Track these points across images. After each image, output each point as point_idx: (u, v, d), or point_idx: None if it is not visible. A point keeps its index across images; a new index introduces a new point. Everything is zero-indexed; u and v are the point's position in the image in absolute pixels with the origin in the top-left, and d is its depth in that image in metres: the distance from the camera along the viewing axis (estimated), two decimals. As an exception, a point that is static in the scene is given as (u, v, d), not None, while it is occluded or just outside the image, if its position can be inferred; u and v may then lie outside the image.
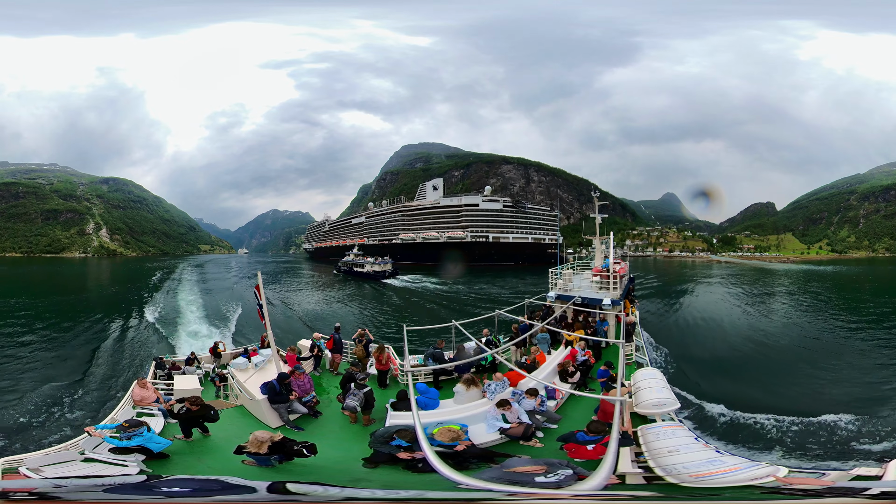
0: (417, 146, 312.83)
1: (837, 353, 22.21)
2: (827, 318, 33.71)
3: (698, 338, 26.26)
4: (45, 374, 18.05)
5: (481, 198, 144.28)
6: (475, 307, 36.55)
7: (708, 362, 20.37)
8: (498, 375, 9.35)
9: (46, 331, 27.03)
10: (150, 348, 23.38)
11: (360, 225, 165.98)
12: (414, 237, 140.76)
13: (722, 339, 26.11)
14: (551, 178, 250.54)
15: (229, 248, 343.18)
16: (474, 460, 6.93)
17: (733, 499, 5.13)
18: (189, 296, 48.06)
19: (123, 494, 5.56)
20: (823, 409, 13.78)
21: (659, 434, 6.78)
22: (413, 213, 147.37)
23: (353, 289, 57.22)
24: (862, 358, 20.95)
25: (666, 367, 18.10)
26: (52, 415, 14.06)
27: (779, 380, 17.76)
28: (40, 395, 15.43)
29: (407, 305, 43.70)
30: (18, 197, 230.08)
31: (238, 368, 11.70)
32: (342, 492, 5.45)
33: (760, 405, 14.14)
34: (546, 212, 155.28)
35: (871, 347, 23.11)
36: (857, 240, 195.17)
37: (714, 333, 27.76)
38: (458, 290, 54.95)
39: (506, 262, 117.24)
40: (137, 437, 7.06)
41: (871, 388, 15.81)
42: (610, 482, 5.47)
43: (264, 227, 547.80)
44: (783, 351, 23.59)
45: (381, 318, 35.05)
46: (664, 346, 21.72)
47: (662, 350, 20.98)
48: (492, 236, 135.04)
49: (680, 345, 23.20)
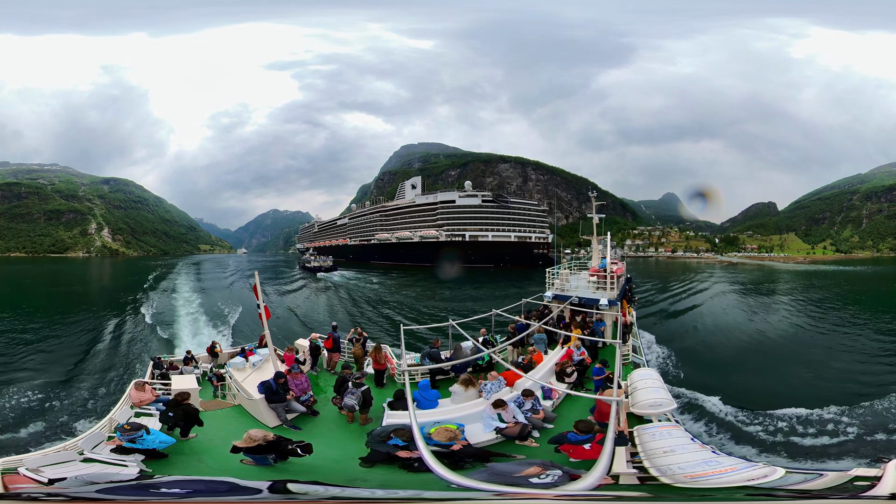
0: (416, 146, 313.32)
1: (840, 353, 22.09)
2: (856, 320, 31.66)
3: (698, 338, 26.16)
4: (44, 373, 18.08)
5: (458, 194, 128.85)
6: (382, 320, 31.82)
7: (707, 363, 20.31)
8: (493, 374, 9.34)
9: (45, 329, 27.11)
10: (147, 347, 23.41)
11: (344, 226, 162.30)
12: (388, 237, 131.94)
13: (722, 339, 26.02)
14: (549, 177, 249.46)
15: (229, 247, 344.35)
16: (470, 460, 6.92)
17: (723, 500, 5.10)
18: (187, 295, 48.36)
19: (123, 495, 5.56)
20: (823, 409, 13.75)
21: (655, 434, 6.76)
22: (390, 213, 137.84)
23: (299, 282, 66.15)
24: (865, 358, 20.85)
25: (663, 368, 18.06)
26: (51, 414, 14.08)
27: (779, 380, 17.71)
28: (39, 395, 15.46)
29: (316, 296, 51.19)
30: (21, 197, 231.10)
31: (235, 368, 11.71)
32: (343, 491, 5.45)
33: (759, 406, 14.11)
34: (533, 207, 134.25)
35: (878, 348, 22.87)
36: (861, 240, 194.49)
37: (714, 334, 27.66)
38: (382, 294, 51.61)
39: (485, 263, 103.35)
40: (139, 440, 7.09)
41: (871, 389, 15.73)
42: (603, 482, 5.45)
43: (264, 227, 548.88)
44: (784, 351, 23.52)
45: (307, 306, 40.09)
46: (663, 346, 21.68)
47: (661, 350, 20.94)
48: (468, 235, 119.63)
49: (679, 345, 23.12)
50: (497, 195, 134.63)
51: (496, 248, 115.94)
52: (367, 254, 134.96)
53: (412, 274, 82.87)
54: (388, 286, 61.00)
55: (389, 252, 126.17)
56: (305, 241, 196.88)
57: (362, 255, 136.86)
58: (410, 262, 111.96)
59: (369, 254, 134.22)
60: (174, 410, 8.22)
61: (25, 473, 5.51)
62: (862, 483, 4.61)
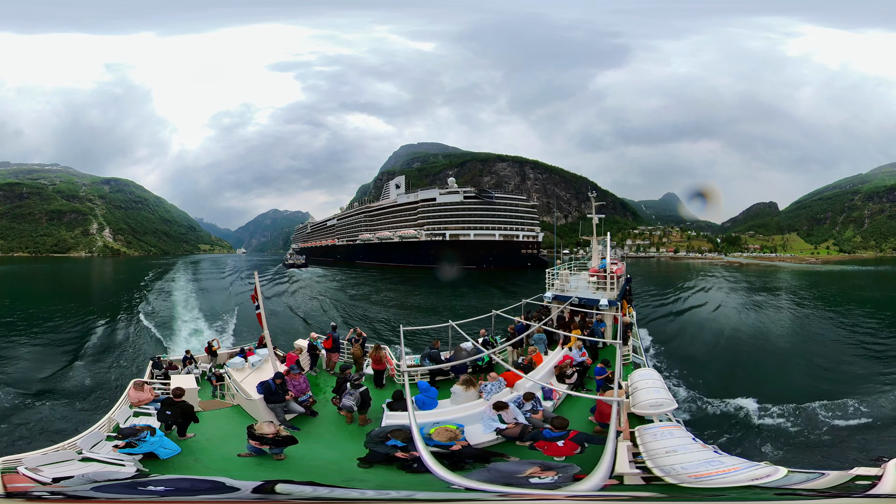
0: (416, 146, 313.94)
1: (844, 353, 22.00)
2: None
3: (698, 339, 26.07)
4: (43, 372, 18.05)
5: (438, 191, 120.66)
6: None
7: (707, 363, 20.23)
8: (493, 375, 9.30)
9: (45, 329, 27.10)
10: (146, 346, 23.39)
11: (333, 227, 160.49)
12: (371, 237, 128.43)
13: (722, 340, 25.93)
14: (548, 176, 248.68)
15: (229, 247, 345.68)
16: (470, 460, 6.88)
17: (735, 499, 5.06)
18: (184, 294, 48.68)
19: (116, 493, 5.55)
20: (823, 409, 13.69)
21: (656, 434, 6.71)
22: (374, 213, 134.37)
23: (269, 276, 72.50)
24: (869, 359, 20.77)
25: (664, 368, 18.00)
26: (50, 413, 14.05)
27: (778, 380, 17.64)
28: (38, 394, 15.44)
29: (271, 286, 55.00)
30: (23, 197, 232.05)
31: (235, 368, 11.69)
32: (332, 492, 5.41)
33: (759, 405, 14.05)
34: (521, 202, 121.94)
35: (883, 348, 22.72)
36: (864, 240, 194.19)
37: (715, 334, 27.56)
38: (326, 291, 53.32)
39: (467, 265, 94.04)
40: (143, 443, 7.07)
41: (872, 388, 15.67)
42: (608, 483, 5.41)
43: (264, 226, 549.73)
44: (784, 351, 23.44)
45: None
46: (663, 346, 21.61)
47: (661, 351, 20.87)
48: (449, 234, 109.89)
49: (679, 345, 23.07)
50: (480, 190, 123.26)
51: (479, 249, 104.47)
52: (353, 254, 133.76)
53: (385, 274, 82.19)
54: (347, 283, 64.03)
55: (372, 252, 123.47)
56: (300, 242, 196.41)
57: (348, 256, 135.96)
58: (392, 262, 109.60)
59: (355, 254, 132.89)
60: (171, 409, 8.20)
61: (25, 473, 5.50)
62: (863, 482, 4.60)
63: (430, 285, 60.76)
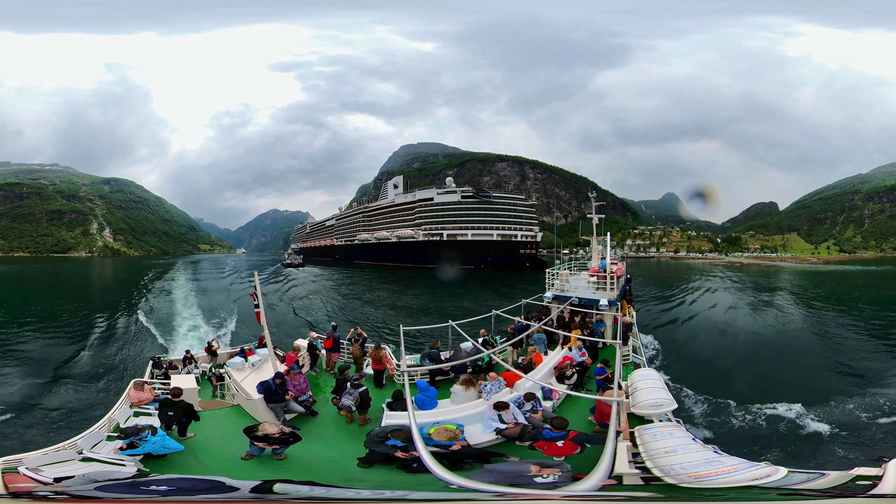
0: (416, 146, 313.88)
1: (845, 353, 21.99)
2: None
3: (698, 339, 26.07)
4: (43, 372, 18.05)
5: (436, 191, 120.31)
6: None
7: (706, 363, 20.23)
8: (493, 375, 9.29)
9: (44, 328, 27.11)
10: (147, 347, 23.39)
11: (332, 227, 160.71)
12: (368, 237, 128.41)
13: (722, 340, 25.92)
14: (548, 176, 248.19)
15: (228, 247, 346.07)
16: (469, 460, 6.88)
17: (735, 499, 5.05)
18: (184, 293, 48.78)
19: (118, 493, 5.55)
20: (824, 409, 13.69)
21: (656, 434, 6.70)
22: (372, 213, 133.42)
23: (266, 275, 75.27)
24: (869, 359, 20.76)
25: (663, 368, 17.99)
26: (50, 413, 14.05)
27: (779, 380, 17.63)
28: (38, 394, 15.44)
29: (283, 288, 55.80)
30: (23, 197, 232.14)
31: (235, 368, 11.68)
32: (329, 491, 5.41)
33: (759, 405, 14.05)
34: (520, 201, 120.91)
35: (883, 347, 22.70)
36: (864, 240, 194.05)
37: (715, 335, 27.55)
38: (321, 289, 54.46)
39: (465, 265, 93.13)
40: (145, 443, 7.08)
41: (872, 388, 15.66)
42: (607, 483, 5.41)
43: (264, 226, 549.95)
44: (785, 351, 23.42)
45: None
46: (663, 346, 21.60)
47: (660, 351, 20.86)
48: (446, 234, 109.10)
49: (679, 346, 23.06)
50: (478, 190, 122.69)
51: (477, 249, 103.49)
52: (351, 254, 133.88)
53: (381, 274, 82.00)
54: (341, 283, 64.73)
55: (371, 252, 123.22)
56: (299, 242, 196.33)
57: (347, 256, 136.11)
58: (389, 262, 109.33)
59: (353, 254, 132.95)
60: (171, 408, 8.20)
61: (25, 473, 5.50)
62: (864, 482, 4.59)
63: (425, 286, 59.97)
